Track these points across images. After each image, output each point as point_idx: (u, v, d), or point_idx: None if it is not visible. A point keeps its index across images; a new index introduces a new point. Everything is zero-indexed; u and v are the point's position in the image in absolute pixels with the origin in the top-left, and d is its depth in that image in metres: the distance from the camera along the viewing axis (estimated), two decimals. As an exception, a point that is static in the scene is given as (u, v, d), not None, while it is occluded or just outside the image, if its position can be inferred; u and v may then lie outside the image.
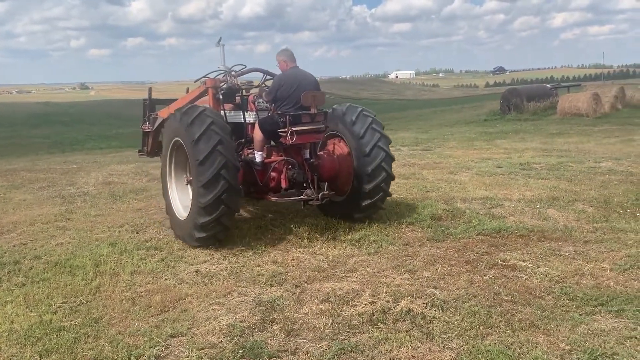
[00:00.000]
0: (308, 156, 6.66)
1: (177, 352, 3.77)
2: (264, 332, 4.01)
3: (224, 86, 6.88)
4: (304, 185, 6.41)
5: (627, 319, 4.02)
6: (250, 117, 6.94)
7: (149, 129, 8.47)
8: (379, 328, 4.02)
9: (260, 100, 6.87)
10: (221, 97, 6.79)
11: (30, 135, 36.54)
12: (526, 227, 6.48)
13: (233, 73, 6.96)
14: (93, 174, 12.35)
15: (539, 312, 4.18)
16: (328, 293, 4.71)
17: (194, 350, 3.74)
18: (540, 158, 12.14)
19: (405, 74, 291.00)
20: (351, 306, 4.42)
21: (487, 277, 4.95)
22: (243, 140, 6.98)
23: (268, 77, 7.16)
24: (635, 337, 3.72)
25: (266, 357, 3.63)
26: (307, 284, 4.97)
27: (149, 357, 3.67)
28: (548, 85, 34.05)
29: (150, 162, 12.31)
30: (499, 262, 5.33)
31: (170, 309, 4.48)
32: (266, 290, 4.82)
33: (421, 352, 3.63)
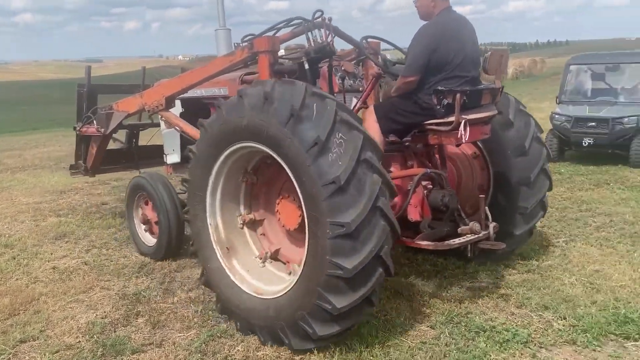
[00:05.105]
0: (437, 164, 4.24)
1: (27, 358, 3.44)
2: (128, 327, 3.80)
3: (302, 49, 4.15)
4: (456, 214, 3.89)
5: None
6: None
7: (99, 131, 5.45)
8: (249, 311, 3.97)
9: (339, 75, 4.44)
10: (307, 66, 4.05)
11: None
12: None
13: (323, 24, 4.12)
14: None
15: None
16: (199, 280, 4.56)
17: (47, 354, 3.44)
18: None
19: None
20: (222, 291, 4.32)
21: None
22: None
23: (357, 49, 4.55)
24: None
25: (129, 352, 3.44)
26: (177, 272, 4.80)
27: (-6, 368, 3.32)
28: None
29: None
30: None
31: (21, 312, 4.08)
32: (132, 282, 4.57)
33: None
